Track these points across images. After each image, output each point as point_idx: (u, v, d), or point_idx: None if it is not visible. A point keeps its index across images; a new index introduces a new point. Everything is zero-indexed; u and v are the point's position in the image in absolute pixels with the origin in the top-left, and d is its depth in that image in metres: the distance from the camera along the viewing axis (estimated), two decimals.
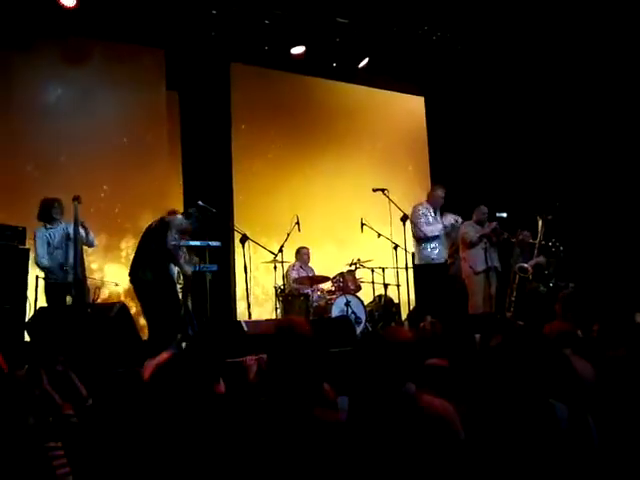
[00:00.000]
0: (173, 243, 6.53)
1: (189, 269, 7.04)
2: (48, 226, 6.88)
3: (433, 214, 8.23)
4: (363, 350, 2.80)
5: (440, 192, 8.34)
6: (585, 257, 8.67)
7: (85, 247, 7.15)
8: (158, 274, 6.54)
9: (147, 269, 6.53)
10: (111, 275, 8.62)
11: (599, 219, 9.05)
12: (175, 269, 6.89)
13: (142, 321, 7.08)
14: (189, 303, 7.35)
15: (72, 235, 6.77)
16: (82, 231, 6.85)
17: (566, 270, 8.14)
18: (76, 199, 6.74)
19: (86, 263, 7.38)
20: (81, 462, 3.00)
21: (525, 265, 8.07)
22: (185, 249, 7.08)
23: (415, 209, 8.22)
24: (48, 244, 6.80)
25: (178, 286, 7.04)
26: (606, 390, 3.16)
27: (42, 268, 6.84)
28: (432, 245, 8.13)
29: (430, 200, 8.36)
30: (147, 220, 7.43)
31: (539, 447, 2.51)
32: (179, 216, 6.88)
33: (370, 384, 2.68)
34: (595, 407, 2.84)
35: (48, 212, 6.85)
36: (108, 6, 8.20)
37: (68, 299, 6.75)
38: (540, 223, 8.12)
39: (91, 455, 2.92)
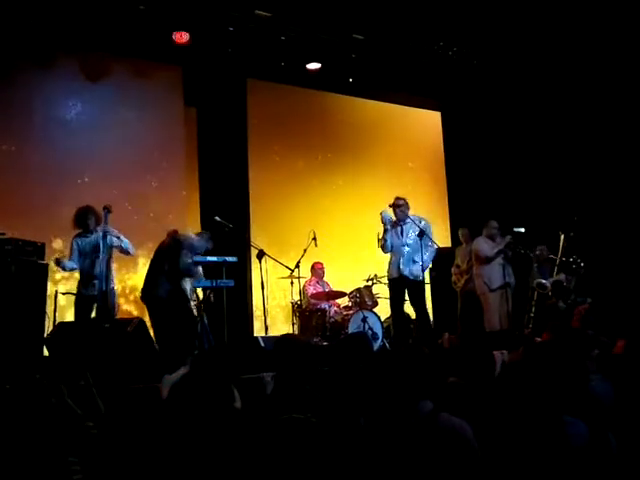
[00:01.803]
0: (188, 262, 6.54)
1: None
2: (82, 234, 6.86)
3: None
4: (378, 367, 2.78)
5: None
6: (605, 274, 8.58)
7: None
8: (171, 292, 6.53)
9: (160, 287, 6.52)
10: (129, 291, 8.66)
11: (619, 235, 8.97)
12: (188, 286, 6.86)
13: None
14: (205, 319, 7.35)
15: (101, 245, 6.74)
16: (115, 240, 6.83)
17: (586, 286, 8.06)
18: (106, 208, 6.76)
19: None
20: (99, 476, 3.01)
21: (543, 281, 8.01)
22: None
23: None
24: (79, 252, 6.79)
25: (193, 303, 7.02)
26: (627, 407, 3.13)
27: (62, 268, 6.86)
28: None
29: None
30: (164, 235, 7.47)
31: (551, 465, 2.48)
32: (192, 234, 6.88)
33: (385, 401, 2.67)
34: (615, 424, 2.81)
35: (84, 221, 6.79)
36: (126, 23, 8.31)
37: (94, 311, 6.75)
38: (562, 239, 8.03)
39: (109, 470, 2.92)
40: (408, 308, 8.82)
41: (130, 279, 8.75)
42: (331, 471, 2.53)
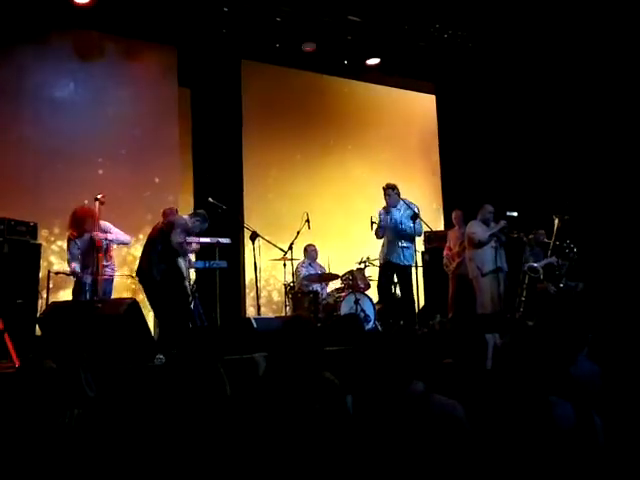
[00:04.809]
0: (178, 241, 6.53)
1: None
2: (77, 235, 6.89)
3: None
4: (368, 348, 2.80)
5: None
6: (597, 258, 8.62)
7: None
8: (165, 272, 6.55)
9: (154, 268, 6.54)
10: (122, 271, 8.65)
11: (612, 219, 8.99)
12: (184, 264, 6.88)
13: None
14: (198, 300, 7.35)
15: (94, 237, 6.80)
16: (107, 241, 6.88)
17: (578, 271, 8.10)
18: (98, 200, 6.77)
19: None
20: (90, 459, 3.02)
21: (535, 265, 8.05)
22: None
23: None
24: (79, 250, 6.85)
25: (188, 282, 7.01)
26: (613, 389, 3.16)
27: (72, 272, 6.89)
28: None
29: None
30: (158, 217, 7.46)
31: (536, 446, 2.51)
32: (185, 216, 6.90)
33: (375, 382, 2.69)
34: (602, 406, 2.84)
35: (81, 225, 6.82)
36: (121, 2, 8.24)
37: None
38: (556, 223, 8.05)
39: (100, 451, 2.93)
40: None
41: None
42: (322, 452, 2.55)
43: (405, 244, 7.61)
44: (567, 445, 2.51)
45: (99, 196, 6.80)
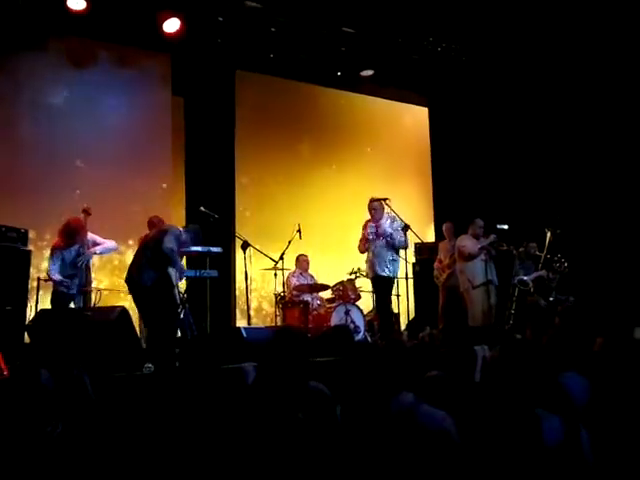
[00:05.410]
0: (170, 246, 6.45)
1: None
2: (64, 246, 6.85)
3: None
4: (357, 359, 2.81)
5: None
6: (587, 272, 8.66)
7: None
8: (156, 279, 6.47)
9: (144, 274, 6.45)
10: (112, 280, 8.63)
11: (602, 233, 9.03)
12: (174, 274, 6.81)
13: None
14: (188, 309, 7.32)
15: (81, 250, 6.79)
16: (96, 255, 6.93)
17: (568, 284, 8.13)
18: (86, 211, 6.76)
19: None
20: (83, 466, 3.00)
21: (525, 278, 8.08)
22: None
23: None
24: (62, 261, 6.79)
25: (177, 291, 6.95)
26: (602, 405, 3.17)
27: (53, 281, 6.83)
28: None
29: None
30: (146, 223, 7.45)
31: (523, 459, 2.52)
32: (180, 227, 6.85)
33: (364, 393, 2.69)
34: (590, 422, 2.85)
35: (72, 237, 6.79)
36: (116, 9, 8.26)
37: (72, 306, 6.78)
38: (548, 236, 8.10)
39: (92, 458, 2.92)
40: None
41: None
42: (311, 462, 2.55)
43: (391, 257, 7.64)
44: (554, 458, 2.52)
45: (85, 206, 6.80)
